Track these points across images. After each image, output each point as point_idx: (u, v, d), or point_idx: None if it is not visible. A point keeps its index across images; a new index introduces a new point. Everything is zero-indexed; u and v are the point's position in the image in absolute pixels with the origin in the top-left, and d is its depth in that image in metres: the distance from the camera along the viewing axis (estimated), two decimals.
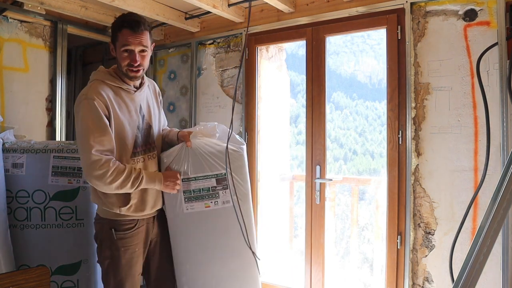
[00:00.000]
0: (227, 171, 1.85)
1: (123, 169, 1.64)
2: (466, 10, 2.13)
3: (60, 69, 2.86)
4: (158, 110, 1.94)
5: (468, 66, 2.12)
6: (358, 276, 4.22)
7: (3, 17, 2.56)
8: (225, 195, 1.87)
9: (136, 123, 1.77)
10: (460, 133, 2.14)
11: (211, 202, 1.86)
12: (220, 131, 1.90)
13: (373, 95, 13.41)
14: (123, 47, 1.70)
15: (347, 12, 2.49)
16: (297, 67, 6.11)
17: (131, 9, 2.58)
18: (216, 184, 1.86)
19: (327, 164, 2.64)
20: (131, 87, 1.77)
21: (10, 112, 2.61)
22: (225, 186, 1.86)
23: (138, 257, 1.79)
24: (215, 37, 3.08)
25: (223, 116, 2.99)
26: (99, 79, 1.73)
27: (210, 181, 1.86)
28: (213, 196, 1.87)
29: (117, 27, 1.72)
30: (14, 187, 2.11)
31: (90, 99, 1.63)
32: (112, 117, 1.66)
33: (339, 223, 5.04)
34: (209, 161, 1.85)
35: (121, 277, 1.74)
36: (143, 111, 1.81)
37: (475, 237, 1.41)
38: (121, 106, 1.72)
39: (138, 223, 1.78)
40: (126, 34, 1.69)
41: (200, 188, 1.86)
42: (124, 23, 1.69)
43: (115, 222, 1.74)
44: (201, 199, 1.86)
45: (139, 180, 1.68)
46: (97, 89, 1.67)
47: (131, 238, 1.76)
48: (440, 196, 2.19)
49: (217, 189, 1.86)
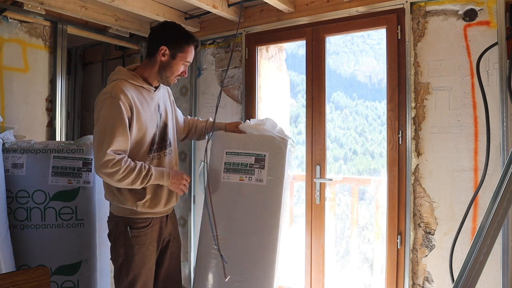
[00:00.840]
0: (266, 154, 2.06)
1: (133, 167, 1.68)
2: (466, 10, 2.13)
3: (60, 69, 2.86)
4: (172, 108, 2.00)
5: (468, 66, 2.12)
6: (358, 276, 4.22)
7: (3, 17, 2.56)
8: (260, 174, 2.04)
9: (156, 121, 1.83)
10: (460, 133, 2.14)
11: (246, 176, 2.06)
12: (268, 123, 2.12)
13: (373, 95, 13.40)
14: (185, 61, 1.80)
15: (347, 12, 2.49)
16: (297, 67, 6.11)
17: (131, 9, 2.58)
18: (254, 162, 2.06)
19: (327, 164, 2.64)
20: (151, 87, 1.82)
21: (10, 112, 2.61)
22: (262, 166, 2.04)
23: (151, 255, 1.83)
24: (215, 37, 3.08)
25: (223, 116, 2.99)
26: (123, 79, 1.74)
27: (250, 158, 2.07)
28: (249, 172, 2.06)
29: (187, 40, 1.79)
30: (14, 187, 2.11)
31: (115, 98, 1.65)
32: (135, 116, 1.70)
33: (339, 223, 5.04)
34: (254, 141, 2.07)
35: (134, 275, 1.77)
36: (160, 109, 1.87)
37: (475, 237, 1.41)
38: (143, 105, 1.75)
39: (152, 221, 1.82)
40: (192, 51, 1.81)
41: (240, 162, 2.08)
42: (195, 42, 1.82)
43: (130, 220, 1.77)
44: (238, 172, 2.08)
45: (148, 176, 1.71)
46: (121, 88, 1.68)
47: (146, 236, 1.79)
48: (440, 196, 2.20)
49: (253, 166, 2.06)
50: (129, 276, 1.76)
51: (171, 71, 1.79)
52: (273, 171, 2.03)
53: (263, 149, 2.05)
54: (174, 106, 2.06)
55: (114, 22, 2.94)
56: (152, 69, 1.79)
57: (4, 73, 2.59)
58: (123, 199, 1.76)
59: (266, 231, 2.02)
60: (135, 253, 1.76)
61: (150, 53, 1.80)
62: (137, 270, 1.77)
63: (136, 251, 1.77)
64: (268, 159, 2.03)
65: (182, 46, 1.77)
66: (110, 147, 1.62)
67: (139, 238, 1.78)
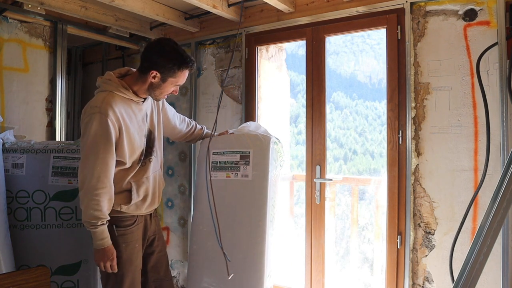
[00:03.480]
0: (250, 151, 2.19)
1: (100, 209, 1.67)
2: (466, 10, 2.13)
3: (60, 69, 2.86)
4: (160, 114, 2.01)
5: (468, 66, 2.12)
6: (358, 276, 4.22)
7: (3, 17, 2.56)
8: (245, 170, 2.18)
9: (144, 132, 1.86)
10: (460, 133, 2.14)
11: (232, 173, 2.20)
12: (252, 125, 2.31)
13: (373, 95, 13.41)
14: (176, 84, 1.81)
15: (347, 12, 2.49)
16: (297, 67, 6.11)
17: (131, 9, 2.58)
18: (239, 159, 2.20)
19: (327, 164, 2.64)
20: (140, 99, 1.83)
21: (10, 112, 2.61)
22: (247, 162, 2.18)
23: (138, 253, 1.87)
24: (215, 37, 3.08)
25: (223, 116, 2.99)
26: (112, 91, 1.73)
27: (235, 156, 2.21)
28: (235, 169, 2.20)
29: (180, 66, 1.76)
30: (14, 187, 2.11)
31: (103, 115, 1.66)
32: (124, 131, 1.73)
33: (339, 223, 5.04)
34: (238, 140, 2.22)
35: (122, 273, 1.80)
36: (147, 118, 1.89)
37: (475, 237, 1.41)
38: (131, 118, 1.78)
39: (137, 220, 1.88)
40: (184, 75, 1.80)
41: (226, 160, 2.23)
42: (188, 67, 1.78)
43: (116, 218, 1.80)
44: (224, 170, 2.22)
45: (96, 227, 1.69)
46: (110, 104, 1.68)
47: (131, 234, 1.84)
48: (440, 196, 2.19)
49: (239, 163, 2.20)
50: (117, 274, 1.78)
51: (160, 91, 1.80)
52: (258, 166, 2.16)
53: (248, 146, 2.19)
54: (163, 106, 2.04)
55: (114, 22, 2.94)
56: (142, 85, 1.79)
57: (4, 73, 2.59)
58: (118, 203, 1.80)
59: (253, 223, 2.12)
60: (122, 251, 1.79)
61: (142, 70, 1.78)
62: (124, 269, 1.80)
63: (123, 249, 1.79)
64: (253, 156, 2.17)
65: (174, 71, 1.76)
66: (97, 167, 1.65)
67: (126, 236, 1.81)
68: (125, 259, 1.80)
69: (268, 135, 2.23)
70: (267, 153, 2.17)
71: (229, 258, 1.98)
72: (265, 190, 2.14)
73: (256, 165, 2.16)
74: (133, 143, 1.78)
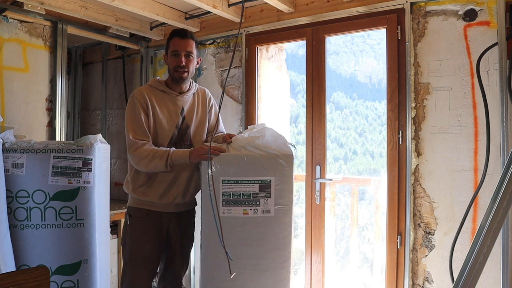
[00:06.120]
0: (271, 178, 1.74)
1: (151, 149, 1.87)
2: (466, 10, 2.13)
3: (60, 69, 2.86)
4: (205, 114, 2.10)
5: (468, 66, 2.12)
6: (358, 276, 4.22)
7: (3, 17, 2.56)
8: (267, 204, 1.75)
9: (175, 122, 2.00)
10: (460, 133, 2.14)
11: (250, 209, 1.76)
12: (267, 134, 1.80)
13: (373, 95, 13.42)
14: (172, 51, 1.97)
15: (347, 12, 2.49)
16: (297, 67, 6.12)
17: (131, 9, 2.58)
18: (258, 190, 1.75)
19: (327, 164, 2.64)
20: (174, 92, 2.01)
21: (10, 112, 2.62)
22: (268, 194, 1.75)
23: (144, 245, 1.96)
24: (215, 37, 3.08)
25: (223, 116, 2.99)
26: (149, 84, 2.05)
27: (253, 186, 1.75)
28: (253, 203, 1.75)
29: (169, 38, 2.00)
30: (14, 187, 2.11)
31: (133, 98, 1.96)
32: (151, 111, 1.95)
33: (339, 223, 5.04)
34: (254, 164, 1.74)
35: (126, 261, 2.00)
36: (184, 113, 2.02)
37: (475, 237, 1.41)
38: (161, 106, 1.98)
39: (150, 214, 1.96)
40: (175, 40, 1.97)
41: (241, 192, 1.76)
42: (174, 32, 1.99)
43: (131, 208, 1.99)
44: (240, 204, 1.76)
45: (167, 153, 1.84)
46: (141, 91, 1.99)
47: (139, 226, 1.97)
48: (440, 196, 2.19)
49: (258, 196, 1.75)
50: (124, 261, 2.01)
51: (170, 67, 2.00)
52: (281, 198, 1.75)
53: (267, 173, 1.74)
54: (211, 115, 2.14)
55: (114, 22, 2.94)
56: (169, 75, 2.04)
57: (4, 73, 2.59)
58: (129, 185, 1.99)
59: (278, 266, 1.78)
60: (127, 241, 1.98)
61: None
62: (128, 258, 1.98)
63: (129, 239, 1.97)
64: (275, 185, 1.74)
65: (168, 44, 2.01)
66: (131, 133, 1.91)
67: (134, 227, 1.97)
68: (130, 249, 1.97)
69: (289, 152, 1.79)
70: (291, 180, 1.79)
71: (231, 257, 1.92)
72: (289, 227, 1.78)
73: (278, 197, 1.75)
74: (160, 126, 1.95)
